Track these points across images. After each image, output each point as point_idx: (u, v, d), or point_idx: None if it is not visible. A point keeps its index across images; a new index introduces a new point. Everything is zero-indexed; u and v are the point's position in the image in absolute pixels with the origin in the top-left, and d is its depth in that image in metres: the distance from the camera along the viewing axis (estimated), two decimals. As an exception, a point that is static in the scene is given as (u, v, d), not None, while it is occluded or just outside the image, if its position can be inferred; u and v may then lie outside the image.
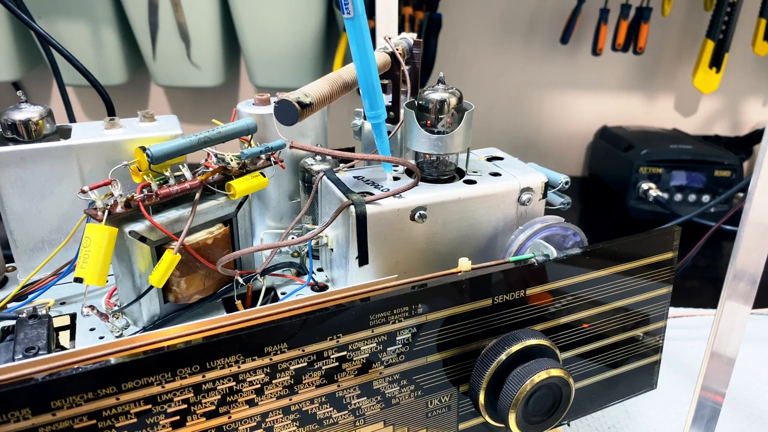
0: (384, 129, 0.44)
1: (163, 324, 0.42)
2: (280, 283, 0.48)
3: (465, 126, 0.44)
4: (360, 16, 0.38)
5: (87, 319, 0.42)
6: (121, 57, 1.11)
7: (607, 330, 0.45)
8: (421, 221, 0.42)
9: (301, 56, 1.10)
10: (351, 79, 0.44)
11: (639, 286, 0.44)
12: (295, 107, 0.39)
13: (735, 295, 0.30)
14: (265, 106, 0.51)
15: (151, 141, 0.46)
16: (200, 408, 0.32)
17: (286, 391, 0.34)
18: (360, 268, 0.42)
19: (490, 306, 0.39)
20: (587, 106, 1.20)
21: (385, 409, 0.38)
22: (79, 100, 1.27)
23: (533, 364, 0.38)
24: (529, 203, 0.46)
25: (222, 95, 1.26)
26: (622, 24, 1.10)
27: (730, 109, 1.23)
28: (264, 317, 0.33)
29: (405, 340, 0.37)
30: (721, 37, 1.07)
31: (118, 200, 0.38)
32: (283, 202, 0.53)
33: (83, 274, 0.37)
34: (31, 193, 0.45)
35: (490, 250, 0.46)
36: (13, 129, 0.45)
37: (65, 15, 1.04)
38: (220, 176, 0.42)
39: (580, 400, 0.45)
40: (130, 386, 0.30)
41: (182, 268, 0.41)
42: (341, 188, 0.43)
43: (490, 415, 0.39)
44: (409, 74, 0.50)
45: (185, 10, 1.04)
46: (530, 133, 1.22)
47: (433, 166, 0.46)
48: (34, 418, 0.28)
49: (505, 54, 1.17)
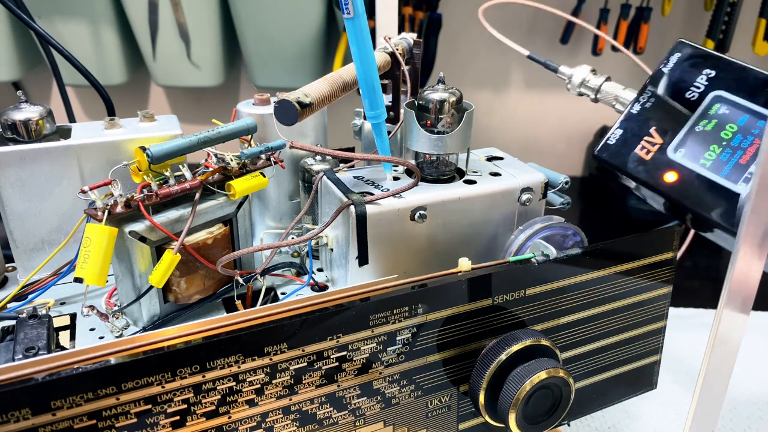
0: (384, 129, 0.44)
1: (163, 324, 0.42)
2: (280, 283, 0.48)
3: (465, 126, 0.44)
4: (360, 16, 0.38)
5: (87, 319, 0.42)
6: (121, 57, 1.11)
7: (607, 330, 0.45)
8: (421, 221, 0.42)
9: (301, 56, 1.10)
10: (351, 79, 0.44)
11: (639, 286, 0.44)
12: (295, 107, 0.39)
13: (735, 294, 0.30)
14: (265, 106, 0.51)
15: (151, 141, 0.46)
16: (200, 408, 0.32)
17: (286, 391, 0.34)
18: (360, 268, 0.42)
19: (490, 306, 0.39)
20: (587, 106, 1.20)
21: (385, 409, 0.38)
22: (79, 100, 1.27)
23: (533, 364, 0.38)
24: (529, 203, 0.46)
25: (222, 95, 1.26)
26: (622, 24, 1.10)
27: (730, 109, 1.23)
28: (264, 317, 0.33)
29: (405, 340, 0.37)
30: (721, 37, 1.07)
31: (118, 200, 0.38)
32: (283, 202, 0.53)
33: (83, 274, 0.37)
34: (31, 193, 0.45)
35: (490, 250, 0.46)
36: (13, 129, 0.45)
37: (65, 15, 1.04)
38: (220, 176, 0.42)
39: (580, 400, 0.45)
40: (130, 386, 0.30)
41: (182, 268, 0.41)
42: (341, 188, 0.43)
43: (490, 415, 0.39)
44: (409, 74, 0.50)
45: (185, 10, 1.04)
46: (530, 133, 1.22)
47: (433, 166, 0.46)
48: (34, 418, 0.28)
49: (505, 54, 1.17)
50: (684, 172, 0.38)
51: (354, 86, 0.44)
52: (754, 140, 0.37)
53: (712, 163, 0.37)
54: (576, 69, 0.45)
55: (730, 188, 0.36)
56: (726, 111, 0.38)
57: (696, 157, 0.38)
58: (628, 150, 0.40)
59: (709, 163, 0.37)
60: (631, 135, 0.40)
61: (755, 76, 0.38)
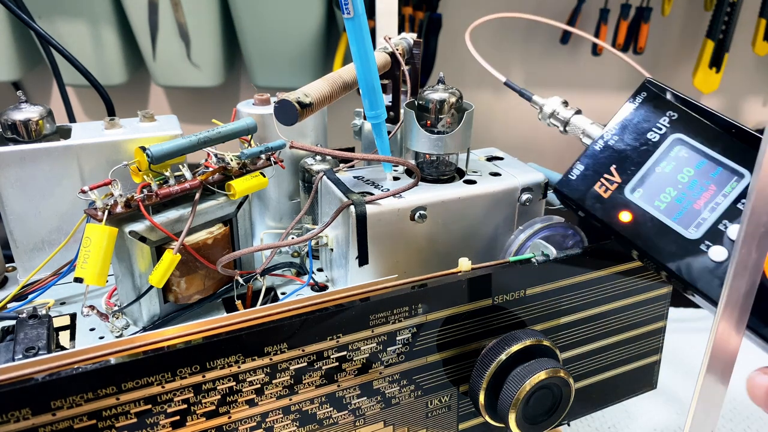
0: (384, 129, 0.44)
1: (163, 324, 0.42)
2: (280, 283, 0.48)
3: (465, 126, 0.44)
4: (360, 16, 0.38)
5: (87, 319, 0.42)
6: (121, 57, 1.11)
7: (607, 330, 0.45)
8: (421, 221, 0.42)
9: (301, 56, 1.10)
10: (351, 79, 0.44)
11: (639, 286, 0.44)
12: (295, 107, 0.39)
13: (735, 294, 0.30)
14: (265, 106, 0.51)
15: (151, 141, 0.46)
16: (200, 408, 0.32)
17: (286, 391, 0.34)
18: (360, 268, 0.42)
19: (490, 306, 0.39)
20: (587, 106, 1.20)
21: (385, 409, 0.38)
22: (79, 100, 1.27)
23: (533, 364, 0.38)
24: (529, 203, 0.46)
25: (222, 95, 1.25)
26: (622, 24, 1.10)
27: (730, 109, 1.23)
28: (264, 317, 0.33)
29: (405, 340, 0.37)
30: (721, 37, 1.07)
31: (118, 200, 0.38)
32: (283, 202, 0.53)
33: (83, 274, 0.37)
34: (31, 193, 0.45)
35: (490, 250, 0.46)
36: (13, 129, 0.45)
37: (65, 15, 1.04)
38: (220, 176, 0.42)
39: (580, 400, 0.45)
40: (130, 386, 0.30)
41: (182, 268, 0.41)
42: (341, 188, 0.43)
43: (490, 415, 0.39)
44: (409, 74, 0.50)
45: (185, 10, 1.04)
46: (530, 133, 1.22)
47: (433, 166, 0.46)
48: (34, 418, 0.28)
49: (505, 54, 1.17)
50: (638, 212, 0.38)
51: (354, 86, 0.44)
52: (710, 185, 0.37)
53: (666, 206, 0.38)
54: (548, 100, 0.46)
55: (680, 233, 0.37)
56: (685, 155, 0.38)
57: (651, 198, 0.38)
58: (588, 186, 0.40)
59: (663, 206, 0.38)
60: (592, 172, 0.41)
61: (716, 122, 0.38)
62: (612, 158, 0.40)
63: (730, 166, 0.37)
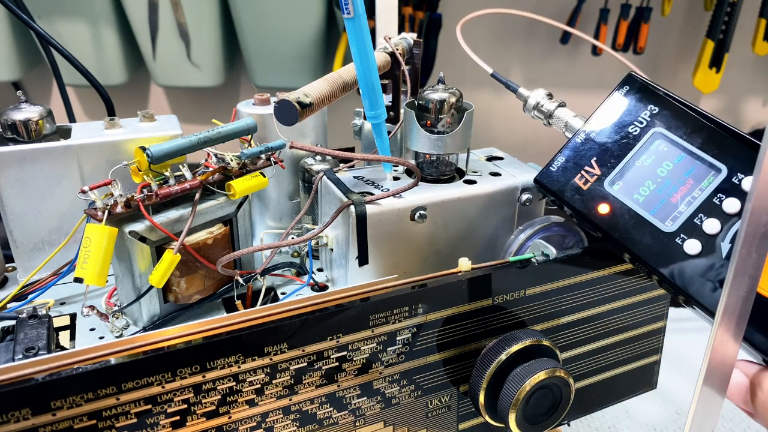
0: (384, 129, 0.44)
1: (163, 324, 0.42)
2: (280, 283, 0.48)
3: (465, 126, 0.44)
4: (360, 16, 0.38)
5: (87, 319, 0.42)
6: (121, 57, 1.11)
7: (607, 330, 0.45)
8: (421, 221, 0.42)
9: (301, 56, 1.10)
10: (351, 79, 0.44)
11: (639, 286, 0.44)
12: (295, 107, 0.39)
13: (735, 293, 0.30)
14: (265, 106, 0.51)
15: (151, 141, 0.46)
16: (200, 408, 0.32)
17: (286, 391, 0.34)
18: (360, 268, 0.42)
19: (490, 306, 0.39)
20: (587, 106, 1.20)
21: (385, 409, 0.38)
22: (79, 100, 1.27)
23: (533, 364, 0.38)
24: (529, 203, 0.46)
25: (222, 95, 1.26)
26: (622, 24, 1.10)
27: (729, 109, 1.23)
28: (264, 317, 0.33)
29: (405, 340, 0.37)
30: (721, 37, 1.07)
31: (118, 200, 0.38)
32: (283, 202, 0.53)
33: (83, 274, 0.37)
34: (31, 193, 0.45)
35: (490, 250, 0.46)
36: (13, 129, 0.45)
37: (65, 15, 1.04)
38: (220, 176, 0.42)
39: (580, 400, 0.45)
40: (130, 386, 0.30)
41: (182, 268, 0.41)
42: (341, 188, 0.43)
43: (490, 415, 0.39)
44: (409, 74, 0.50)
45: (185, 10, 1.04)
46: (530, 133, 1.22)
47: (433, 166, 0.46)
48: (34, 418, 0.28)
49: (505, 54, 1.17)
50: (617, 205, 0.38)
51: (354, 86, 0.44)
52: (687, 179, 0.37)
53: (645, 199, 0.38)
54: (532, 92, 0.46)
55: (657, 226, 0.37)
56: (665, 149, 0.39)
57: (630, 191, 0.38)
58: (568, 178, 0.41)
59: (642, 199, 0.38)
60: (573, 164, 0.41)
61: (696, 117, 0.38)
62: (593, 151, 0.40)
63: (707, 161, 0.37)
